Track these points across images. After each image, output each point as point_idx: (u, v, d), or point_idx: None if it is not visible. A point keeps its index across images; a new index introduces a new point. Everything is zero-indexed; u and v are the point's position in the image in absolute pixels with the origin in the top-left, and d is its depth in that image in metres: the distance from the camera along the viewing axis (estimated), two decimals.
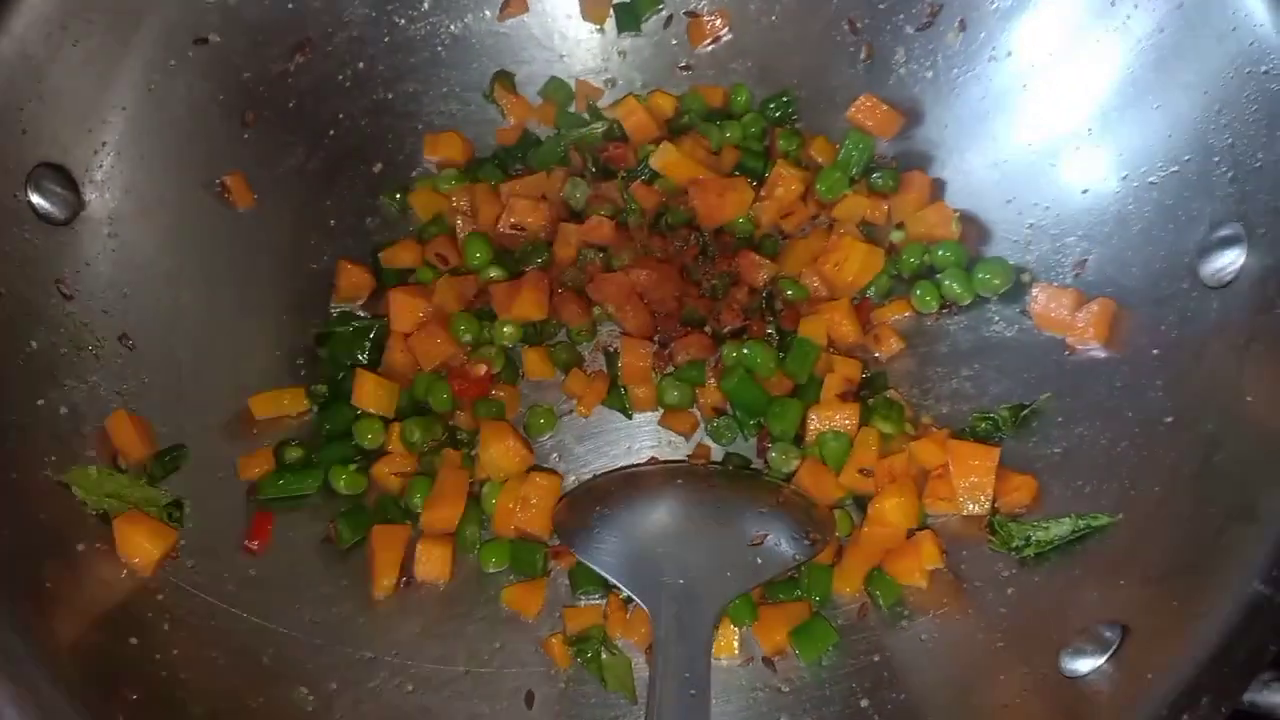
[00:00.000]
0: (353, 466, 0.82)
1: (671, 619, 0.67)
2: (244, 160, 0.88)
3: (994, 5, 0.86)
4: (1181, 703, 0.55)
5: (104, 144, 0.80)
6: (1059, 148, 0.84)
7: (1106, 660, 0.62)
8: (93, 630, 0.67)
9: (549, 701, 0.75)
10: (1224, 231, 0.72)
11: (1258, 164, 0.70)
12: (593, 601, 0.79)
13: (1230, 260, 0.71)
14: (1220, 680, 0.55)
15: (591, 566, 0.75)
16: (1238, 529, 0.60)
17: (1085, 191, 0.82)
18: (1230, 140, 0.72)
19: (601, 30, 0.96)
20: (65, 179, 0.78)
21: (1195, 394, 0.70)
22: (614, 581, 0.74)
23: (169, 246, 0.83)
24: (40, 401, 0.73)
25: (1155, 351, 0.75)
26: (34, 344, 0.74)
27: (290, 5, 0.89)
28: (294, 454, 0.82)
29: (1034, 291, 0.82)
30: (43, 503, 0.70)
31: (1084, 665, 0.63)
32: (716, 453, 0.85)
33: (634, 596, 0.72)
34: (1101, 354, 0.78)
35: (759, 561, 0.72)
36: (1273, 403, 0.64)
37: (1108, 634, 0.63)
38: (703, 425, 0.86)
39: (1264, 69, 0.70)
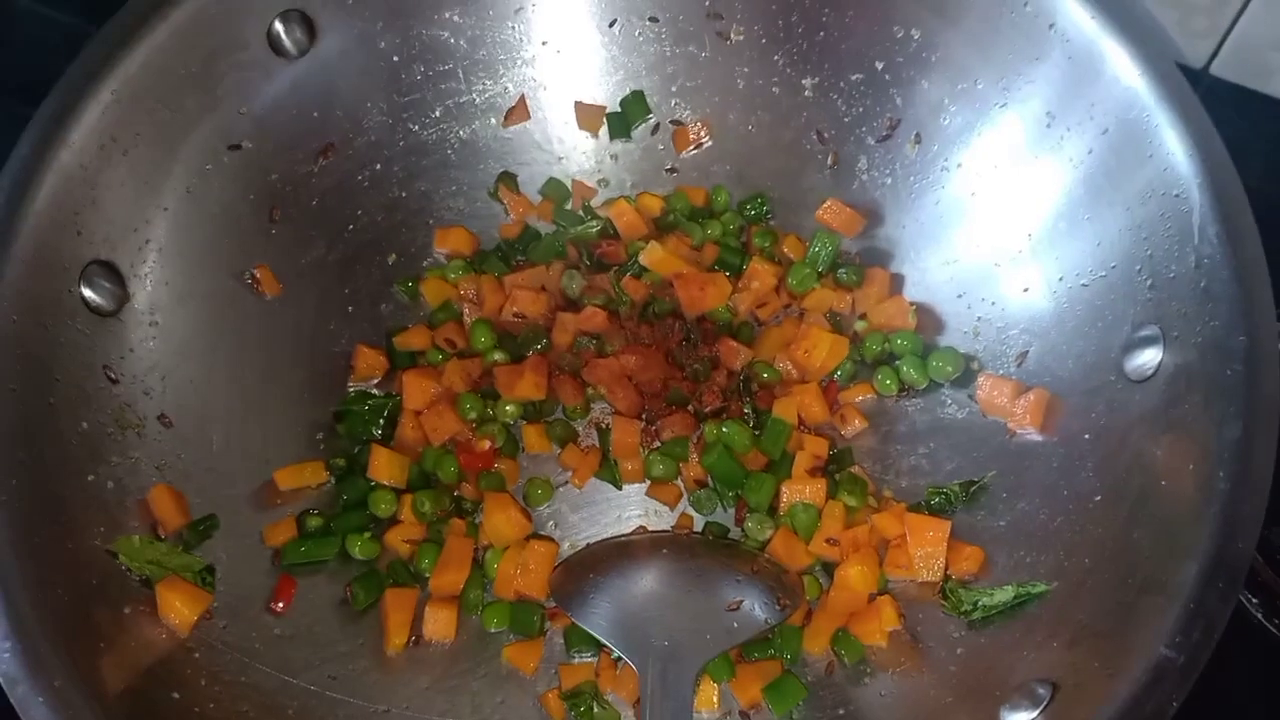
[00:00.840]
0: (368, 534, 0.90)
1: (657, 677, 0.75)
2: (271, 253, 0.96)
3: (946, 122, 0.96)
4: None
5: (147, 241, 0.88)
6: (1003, 251, 0.93)
7: (1038, 714, 0.70)
8: (139, 684, 0.74)
9: None
10: (1144, 332, 0.81)
11: (1171, 274, 0.79)
12: (585, 659, 0.87)
13: (1150, 358, 0.80)
14: None
15: (585, 628, 0.83)
16: (1149, 599, 0.69)
17: (1026, 290, 0.92)
18: (1150, 252, 0.81)
19: (595, 137, 1.06)
20: (113, 274, 0.85)
21: (1119, 476, 0.79)
22: (605, 642, 0.82)
23: (203, 333, 0.91)
24: (90, 477, 0.80)
25: (1086, 436, 0.83)
26: (85, 425, 0.81)
27: (315, 114, 0.98)
28: (315, 522, 0.90)
29: (979, 380, 0.92)
30: (93, 568, 0.77)
31: (1020, 719, 0.71)
32: (698, 522, 0.93)
33: (623, 655, 0.80)
34: (1039, 437, 0.88)
35: (735, 625, 0.81)
36: (1180, 488, 0.72)
37: (1040, 690, 0.71)
38: (686, 496, 0.94)
39: (1175, 193, 0.79)
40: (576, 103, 1.06)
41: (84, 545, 0.78)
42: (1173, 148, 0.80)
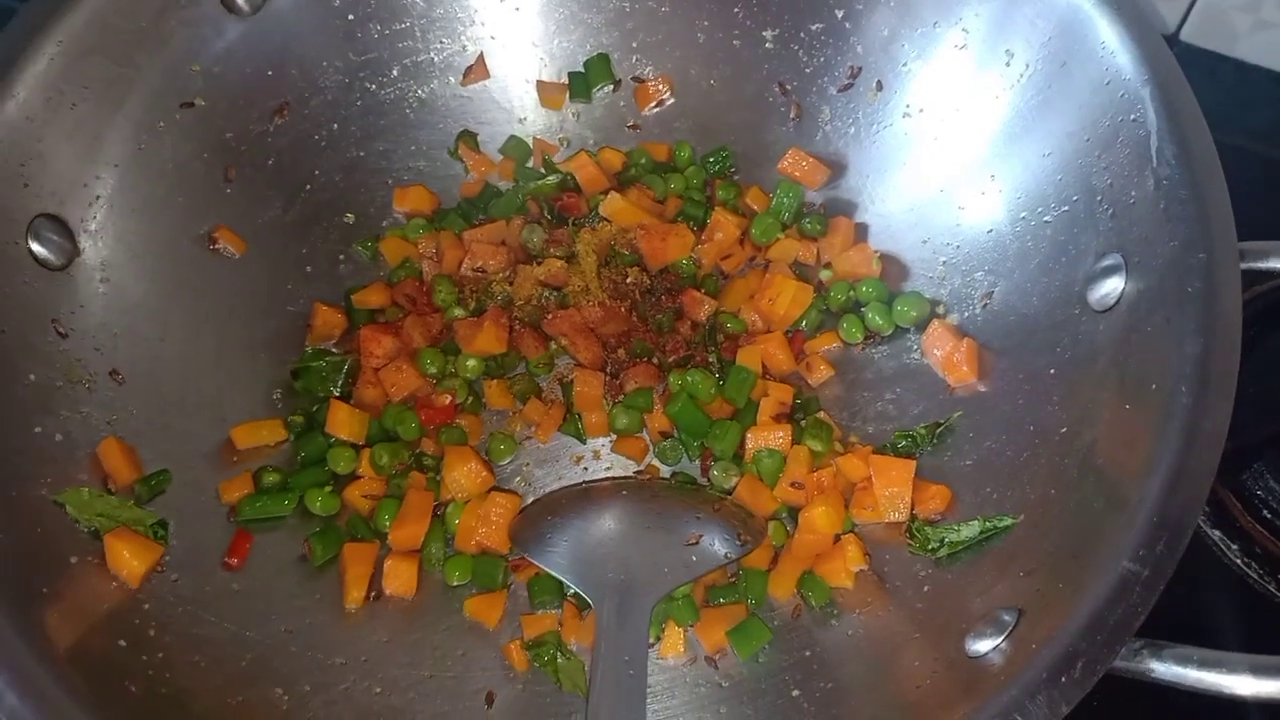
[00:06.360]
0: (327, 489, 0.88)
1: (613, 609, 0.74)
2: (227, 212, 0.95)
3: (906, 67, 0.96)
4: (1059, 668, 0.62)
5: (98, 197, 0.87)
6: (965, 192, 0.93)
7: (1004, 640, 0.69)
8: (85, 633, 0.72)
9: (508, 701, 0.81)
10: (1107, 261, 0.80)
11: (1131, 200, 0.78)
12: (550, 611, 0.85)
13: (1113, 287, 0.79)
14: (1093, 647, 0.62)
15: (542, 566, 0.82)
16: (1112, 517, 0.68)
17: (990, 231, 0.91)
18: (1109, 181, 0.81)
19: (560, 110, 1.06)
20: (62, 228, 0.84)
21: (1084, 406, 0.78)
22: (562, 578, 0.80)
23: (156, 290, 0.90)
24: (38, 429, 0.79)
25: (1052, 371, 0.82)
26: (32, 377, 0.80)
27: (269, 72, 0.97)
28: (271, 478, 0.88)
29: (927, 330, 0.91)
30: (39, 519, 0.76)
31: (985, 645, 0.70)
32: (665, 472, 0.92)
33: (580, 591, 0.78)
34: (983, 387, 0.87)
35: (694, 559, 0.79)
36: (1143, 408, 0.71)
37: (1006, 617, 0.70)
38: (651, 448, 0.93)
39: (1132, 116, 0.79)
40: (538, 81, 1.05)
41: (29, 495, 0.77)
42: (1128, 71, 0.80)
